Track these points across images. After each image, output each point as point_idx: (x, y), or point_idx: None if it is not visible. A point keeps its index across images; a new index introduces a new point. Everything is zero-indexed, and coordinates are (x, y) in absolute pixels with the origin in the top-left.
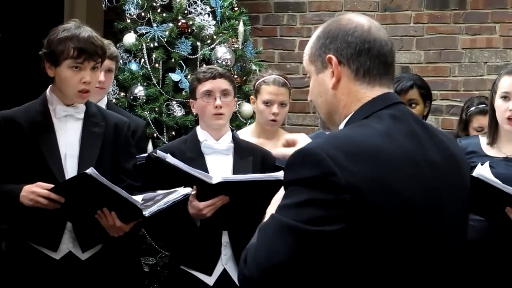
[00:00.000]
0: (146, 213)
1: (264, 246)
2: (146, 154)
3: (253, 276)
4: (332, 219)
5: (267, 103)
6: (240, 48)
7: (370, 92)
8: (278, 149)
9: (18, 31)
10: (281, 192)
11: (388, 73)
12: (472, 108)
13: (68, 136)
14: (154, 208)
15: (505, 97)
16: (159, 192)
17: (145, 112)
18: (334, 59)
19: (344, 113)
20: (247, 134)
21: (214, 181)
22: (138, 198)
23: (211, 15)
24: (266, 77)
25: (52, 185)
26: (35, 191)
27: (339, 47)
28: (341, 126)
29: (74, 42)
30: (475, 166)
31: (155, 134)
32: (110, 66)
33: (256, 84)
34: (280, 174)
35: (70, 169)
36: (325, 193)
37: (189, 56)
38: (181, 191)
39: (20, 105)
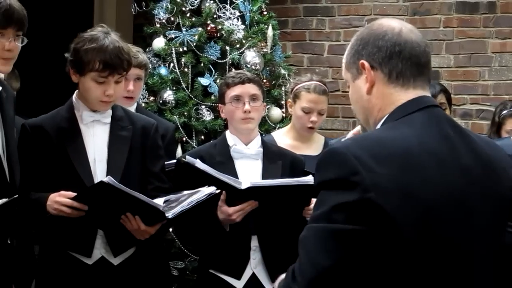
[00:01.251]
0: (170, 214)
1: (306, 257)
2: (174, 161)
3: None
4: (363, 219)
5: (307, 111)
6: (269, 52)
7: (404, 95)
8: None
9: (48, 36)
10: None
11: (422, 74)
12: (505, 111)
13: (96, 141)
14: (178, 209)
15: None
16: (184, 192)
17: (174, 116)
18: (366, 64)
19: (379, 117)
20: (282, 135)
21: (243, 186)
22: (160, 201)
23: (240, 19)
24: (306, 82)
25: (75, 194)
26: (59, 200)
27: (371, 52)
28: (378, 127)
29: (100, 55)
30: None
31: (184, 138)
32: (139, 75)
33: (295, 88)
34: (309, 179)
35: (100, 173)
36: (351, 193)
37: (218, 61)
38: (205, 190)
39: (51, 109)
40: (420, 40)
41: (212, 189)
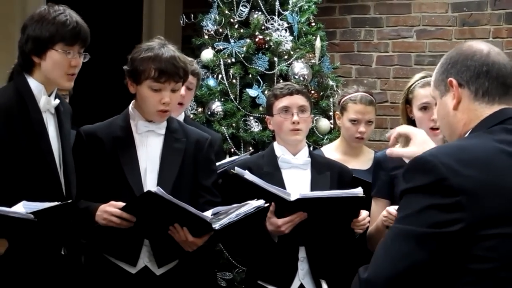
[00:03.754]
0: (217, 226)
1: (386, 256)
2: (225, 161)
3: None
4: (450, 222)
5: (354, 121)
6: (317, 63)
7: (488, 110)
8: (393, 149)
9: (97, 48)
10: None
11: (507, 94)
12: None
13: (149, 151)
14: (225, 220)
15: None
16: (233, 205)
17: (223, 127)
18: (454, 81)
19: (464, 131)
20: (331, 150)
21: (292, 197)
22: (208, 213)
23: (288, 30)
24: (352, 94)
25: (124, 204)
26: (108, 210)
27: (459, 70)
28: None
29: (156, 63)
30: None
31: (232, 149)
32: (191, 82)
33: (342, 100)
34: (358, 191)
35: (150, 184)
36: (440, 198)
37: (266, 72)
38: (253, 203)
39: (104, 120)
40: (506, 62)
41: (260, 202)
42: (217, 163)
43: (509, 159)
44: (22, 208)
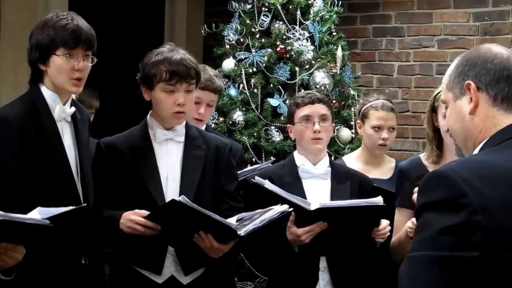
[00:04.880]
0: (242, 232)
1: (414, 286)
2: (246, 169)
3: None
4: (470, 245)
5: (377, 128)
6: (338, 73)
7: (506, 119)
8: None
9: (119, 58)
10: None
11: None
12: None
13: (169, 160)
14: (250, 227)
15: None
16: (257, 211)
17: (244, 137)
18: (472, 84)
19: (480, 139)
20: (353, 160)
21: (313, 207)
22: (232, 219)
23: (309, 40)
24: (373, 101)
25: (148, 212)
26: (133, 219)
27: (478, 73)
28: (476, 152)
29: (166, 65)
30: None
31: (253, 159)
32: (213, 100)
33: (363, 109)
34: (378, 200)
35: (172, 192)
36: (458, 215)
37: (288, 81)
38: (278, 208)
39: (127, 129)
40: None
41: (284, 207)
42: (238, 172)
43: None
44: (38, 214)
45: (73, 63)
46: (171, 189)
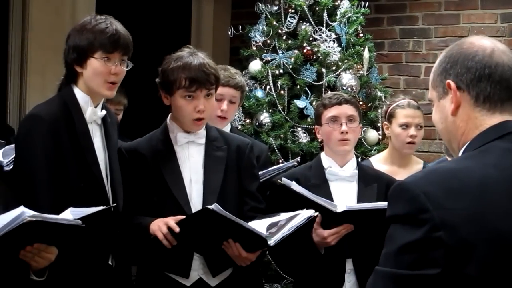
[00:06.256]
0: (271, 242)
1: None
2: (271, 168)
3: None
4: (430, 262)
5: (404, 126)
6: (365, 74)
7: (489, 120)
8: None
9: (146, 61)
10: None
11: (511, 98)
12: None
13: (191, 162)
14: (279, 236)
15: None
16: (282, 215)
17: (271, 138)
18: (452, 84)
19: (463, 141)
20: (380, 161)
21: (339, 209)
22: (262, 227)
23: (336, 41)
24: (399, 101)
25: (183, 217)
26: (165, 221)
27: (459, 72)
28: (460, 154)
29: (186, 72)
30: None
31: (280, 161)
32: (234, 96)
33: (389, 109)
34: None
35: (195, 195)
36: (419, 231)
37: (314, 83)
38: (304, 214)
39: (151, 131)
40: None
41: (310, 212)
42: (262, 171)
43: (503, 186)
44: (70, 214)
45: (110, 67)
46: (195, 191)
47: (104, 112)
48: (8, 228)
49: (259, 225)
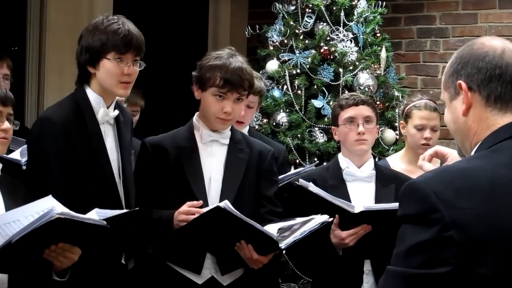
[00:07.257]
0: (282, 245)
1: None
2: (290, 172)
3: None
4: (442, 261)
5: (419, 128)
6: (382, 74)
7: (500, 119)
8: (424, 163)
9: (163, 59)
10: None
11: None
12: None
13: (213, 161)
14: (290, 239)
15: None
16: (297, 220)
17: (288, 138)
18: (464, 85)
19: (475, 141)
20: (397, 160)
21: (357, 210)
22: (273, 229)
23: (353, 41)
24: (416, 101)
25: (203, 211)
26: (189, 210)
27: (470, 73)
28: (472, 154)
29: (222, 72)
30: None
31: (297, 160)
32: (252, 101)
33: (406, 109)
34: None
35: (213, 193)
36: (430, 231)
37: (332, 83)
38: (318, 219)
39: (168, 131)
40: None
41: (325, 218)
42: (282, 176)
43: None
44: (96, 215)
45: (122, 68)
46: (213, 189)
47: (116, 112)
48: (36, 224)
49: (271, 228)
